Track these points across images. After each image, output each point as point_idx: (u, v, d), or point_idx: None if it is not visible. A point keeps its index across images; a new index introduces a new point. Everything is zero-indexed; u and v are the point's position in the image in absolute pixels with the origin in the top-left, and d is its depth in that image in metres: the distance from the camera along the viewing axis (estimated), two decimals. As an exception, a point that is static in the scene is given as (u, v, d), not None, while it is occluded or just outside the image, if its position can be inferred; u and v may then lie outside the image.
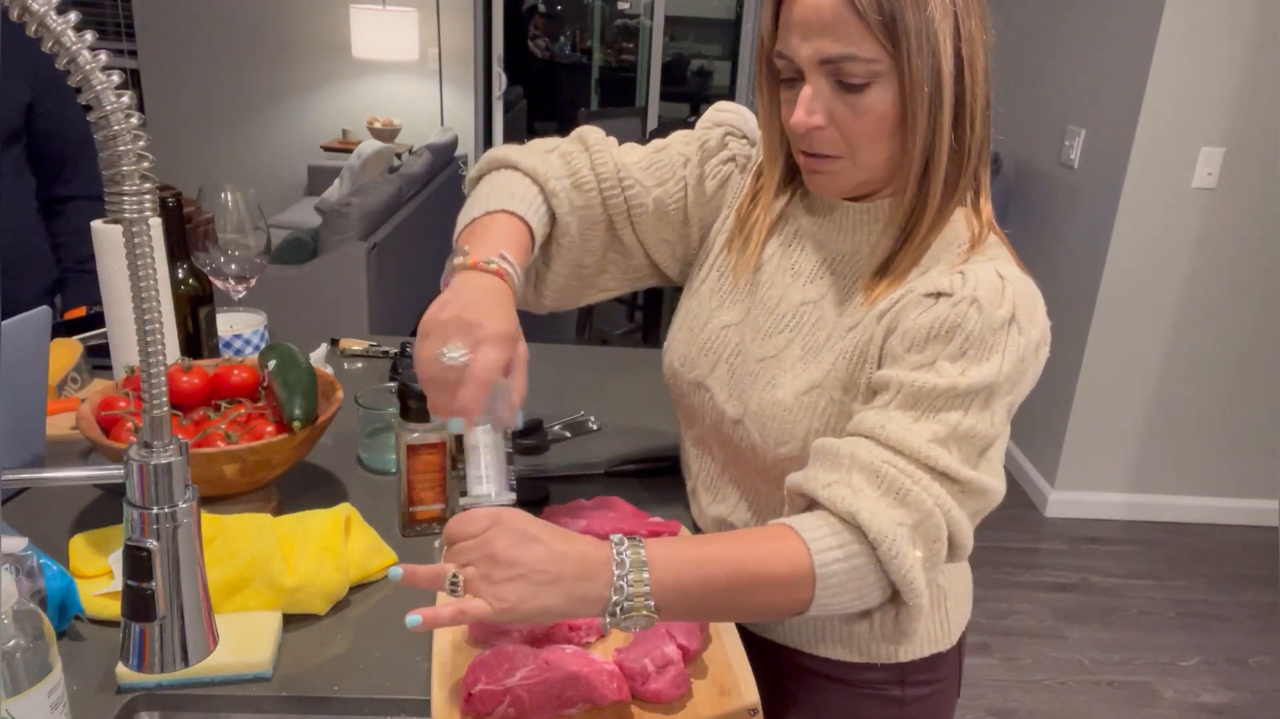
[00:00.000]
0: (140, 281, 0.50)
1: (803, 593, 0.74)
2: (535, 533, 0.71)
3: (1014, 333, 0.78)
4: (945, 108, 0.79)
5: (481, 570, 0.69)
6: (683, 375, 0.98)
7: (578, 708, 0.78)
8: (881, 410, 0.79)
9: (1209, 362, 3.00)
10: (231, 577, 0.87)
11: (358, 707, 0.82)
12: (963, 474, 0.76)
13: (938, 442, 0.76)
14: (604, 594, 0.70)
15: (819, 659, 0.99)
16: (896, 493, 0.75)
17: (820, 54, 0.78)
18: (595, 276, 1.02)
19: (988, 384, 0.77)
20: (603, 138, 0.99)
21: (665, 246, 1.01)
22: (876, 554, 0.74)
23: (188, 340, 1.28)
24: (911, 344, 0.79)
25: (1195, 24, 2.64)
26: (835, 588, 0.74)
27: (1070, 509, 3.16)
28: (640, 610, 0.70)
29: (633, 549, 0.71)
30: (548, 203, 0.92)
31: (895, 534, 0.73)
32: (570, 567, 0.70)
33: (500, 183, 0.92)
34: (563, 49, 7.43)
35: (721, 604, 0.76)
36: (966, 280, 0.79)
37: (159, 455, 0.53)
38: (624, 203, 0.96)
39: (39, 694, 0.64)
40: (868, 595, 0.76)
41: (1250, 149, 2.76)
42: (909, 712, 1.00)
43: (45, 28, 0.46)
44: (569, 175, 0.95)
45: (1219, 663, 2.51)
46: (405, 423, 1.00)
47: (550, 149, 0.98)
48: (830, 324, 0.89)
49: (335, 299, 3.36)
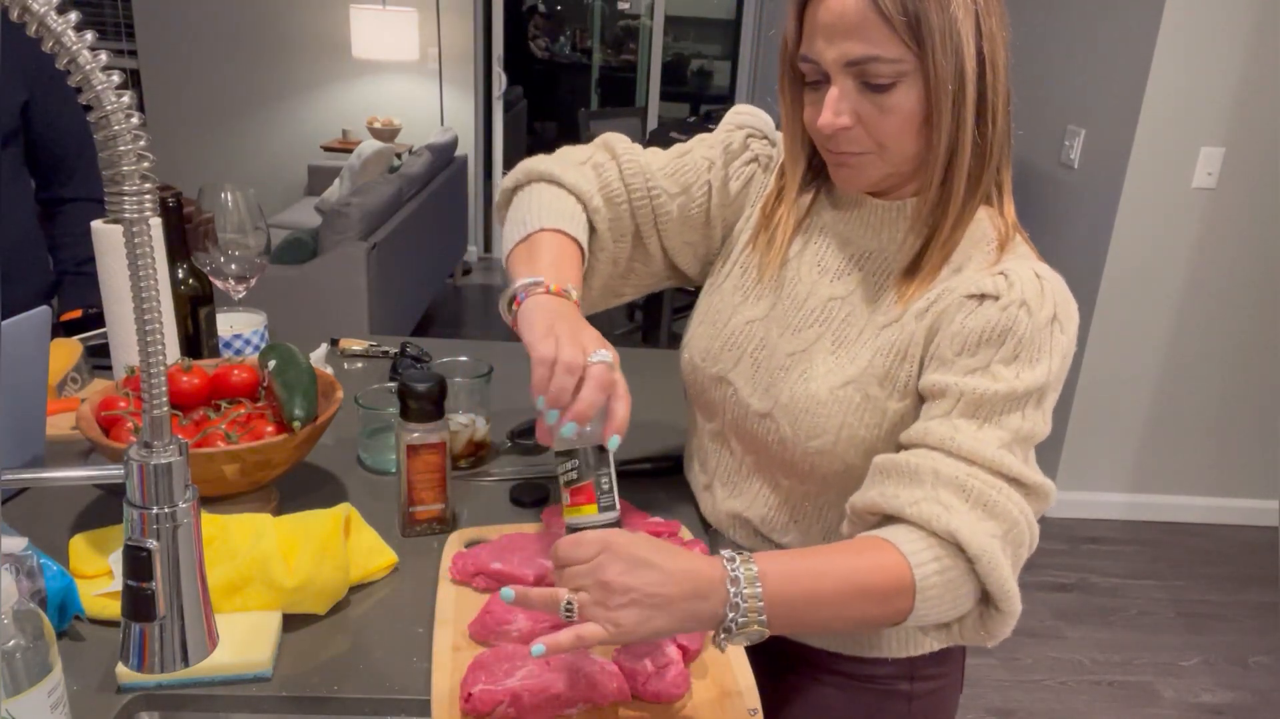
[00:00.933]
0: (140, 281, 0.50)
1: (903, 604, 0.75)
2: (646, 556, 0.71)
3: (1058, 332, 0.80)
4: (968, 104, 0.81)
5: (595, 597, 0.71)
6: (704, 370, 0.99)
7: (578, 708, 0.78)
8: (945, 420, 0.80)
9: (1209, 362, 3.00)
10: (231, 577, 0.87)
11: (358, 707, 0.82)
12: (1029, 478, 0.78)
13: (1005, 448, 0.78)
14: (719, 612, 0.71)
15: (828, 654, 1.00)
16: (985, 505, 0.76)
17: (846, 56, 0.80)
18: (621, 286, 1.05)
19: (1041, 385, 0.79)
20: (629, 146, 1.00)
21: (688, 249, 1.03)
22: (975, 569, 0.75)
23: (188, 340, 1.28)
24: (963, 348, 0.81)
25: (1195, 24, 2.64)
26: (934, 599, 0.75)
27: (1070, 509, 3.16)
28: (753, 625, 0.72)
29: (745, 566, 0.72)
30: (590, 219, 0.95)
31: (992, 548, 0.75)
32: (683, 587, 0.71)
33: (546, 198, 0.94)
34: (563, 49, 7.43)
35: (827, 615, 0.77)
36: (1012, 283, 0.80)
37: (159, 455, 0.53)
38: (651, 212, 0.99)
39: (39, 694, 0.64)
40: (961, 605, 0.77)
41: (1250, 149, 2.76)
42: (916, 706, 1.00)
43: (45, 28, 0.46)
44: (601, 189, 0.97)
45: (1219, 663, 2.51)
46: (405, 423, 1.00)
47: (583, 161, 1.00)
48: (862, 320, 0.90)
49: (335, 299, 3.36)
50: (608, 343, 0.81)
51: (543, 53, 7.27)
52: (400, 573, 0.99)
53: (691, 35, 7.05)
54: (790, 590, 0.73)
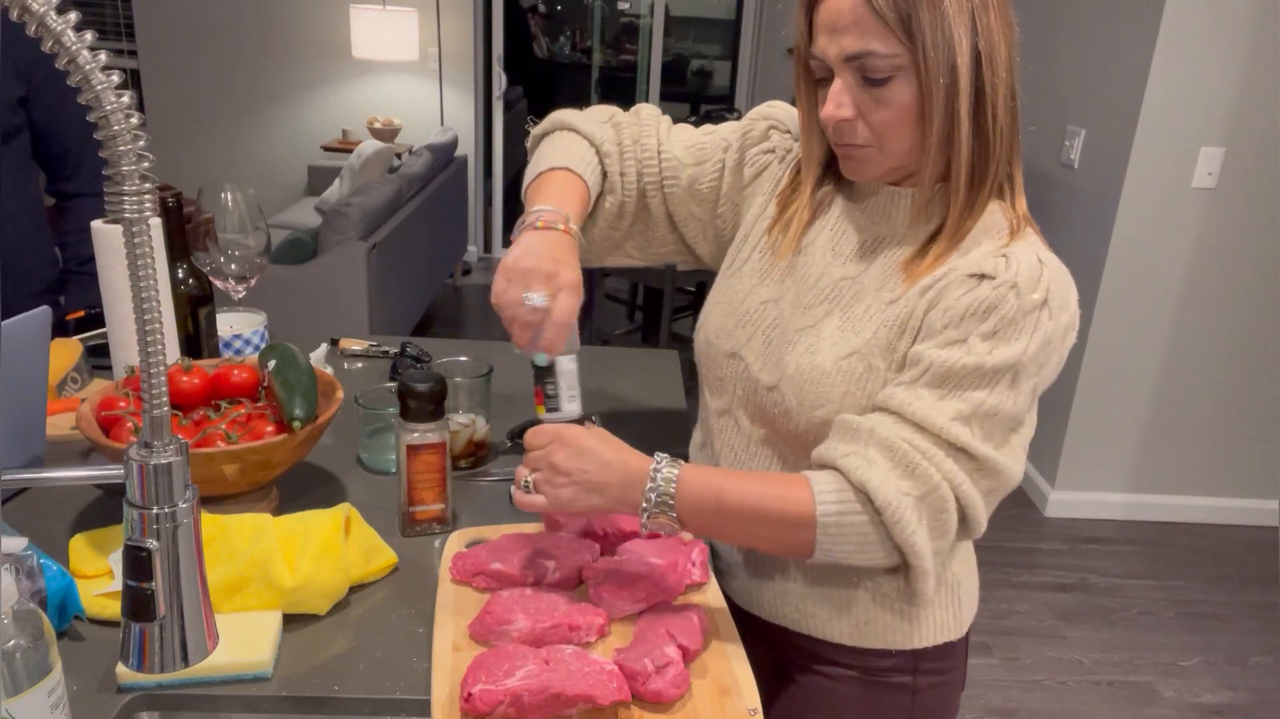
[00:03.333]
0: (140, 281, 0.50)
1: (805, 535, 0.86)
2: (589, 447, 0.87)
3: (1044, 316, 0.83)
4: (963, 97, 0.84)
5: (545, 476, 0.88)
6: (717, 346, 1.03)
7: (578, 708, 0.78)
8: (910, 387, 0.85)
9: (1209, 362, 3.00)
10: (231, 577, 0.87)
11: (358, 707, 0.82)
12: (980, 451, 0.83)
13: (960, 419, 0.83)
14: (638, 501, 0.86)
15: (832, 646, 1.00)
16: (907, 466, 0.83)
17: (844, 51, 0.84)
18: (623, 240, 1.13)
19: (1013, 363, 0.82)
20: (656, 115, 1.11)
21: (693, 223, 1.10)
22: (881, 519, 0.83)
23: (188, 340, 1.28)
24: (949, 321, 0.85)
25: (1195, 24, 2.64)
26: (834, 536, 0.85)
27: (1070, 509, 3.16)
28: (663, 516, 0.86)
29: (669, 467, 0.87)
30: (602, 164, 1.06)
31: (900, 503, 0.83)
32: (614, 475, 0.86)
33: (563, 143, 1.06)
34: (563, 49, 7.42)
35: (733, 528, 0.89)
36: (1010, 264, 0.84)
37: (159, 455, 0.53)
38: (659, 173, 1.08)
39: (39, 694, 0.64)
40: (869, 551, 0.86)
41: (1250, 149, 2.76)
42: (920, 700, 1.01)
43: (45, 28, 0.46)
44: (617, 143, 1.08)
45: (1219, 663, 2.51)
46: (405, 423, 1.00)
47: (606, 119, 1.10)
48: (869, 298, 0.93)
49: (335, 299, 3.36)
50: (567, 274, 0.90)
51: (543, 53, 7.27)
52: (400, 573, 0.99)
53: (691, 35, 7.04)
54: (700, 495, 0.86)
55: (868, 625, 0.98)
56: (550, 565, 0.95)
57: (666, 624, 0.87)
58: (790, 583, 1.00)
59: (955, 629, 1.01)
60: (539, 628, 0.86)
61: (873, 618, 0.98)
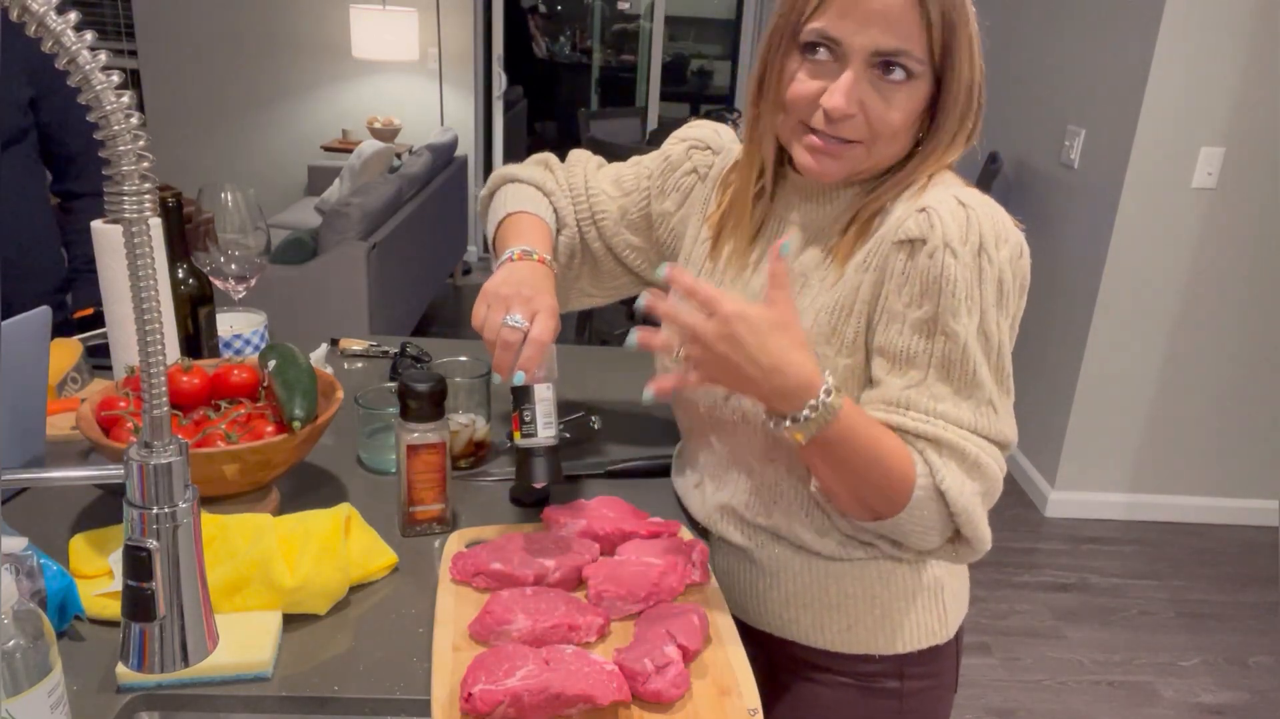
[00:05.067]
0: (140, 281, 0.50)
1: (899, 499, 0.84)
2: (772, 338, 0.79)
3: (985, 263, 0.82)
4: (972, 115, 0.87)
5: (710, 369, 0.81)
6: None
7: (578, 708, 0.78)
8: (921, 387, 0.84)
9: (1209, 362, 3.00)
10: (231, 577, 0.87)
11: (358, 707, 0.82)
12: (1002, 430, 0.85)
13: (987, 404, 0.84)
14: (791, 410, 0.80)
15: (817, 651, 1.00)
16: (976, 466, 0.84)
17: (876, 45, 0.82)
18: (577, 279, 1.17)
19: (979, 318, 0.83)
20: (585, 156, 1.17)
21: (634, 252, 1.14)
22: (951, 513, 0.84)
23: (188, 340, 1.28)
24: (910, 300, 0.84)
25: (1195, 24, 2.64)
26: (914, 516, 0.84)
27: (1070, 509, 3.16)
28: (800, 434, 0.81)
29: (836, 396, 0.80)
30: (551, 202, 1.11)
31: (971, 504, 0.84)
32: (786, 382, 0.79)
33: (513, 192, 1.11)
34: (563, 49, 7.43)
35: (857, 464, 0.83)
36: (933, 221, 0.82)
37: (159, 455, 0.53)
38: (589, 208, 1.13)
39: (39, 694, 0.64)
40: (930, 538, 0.87)
41: (1250, 149, 2.76)
42: (908, 705, 1.01)
43: (45, 28, 0.46)
44: (556, 182, 1.13)
45: (1219, 663, 2.51)
46: (405, 423, 1.00)
47: (541, 163, 1.17)
48: (814, 288, 0.93)
49: (335, 299, 3.36)
50: (543, 298, 0.92)
51: (543, 53, 7.27)
52: (400, 573, 0.99)
53: (691, 35, 7.05)
54: (851, 428, 0.81)
55: (849, 631, 0.99)
56: (550, 565, 0.95)
57: (666, 624, 0.87)
58: (773, 590, 1.01)
59: (941, 633, 1.01)
60: (539, 628, 0.86)
61: (854, 623, 0.98)
